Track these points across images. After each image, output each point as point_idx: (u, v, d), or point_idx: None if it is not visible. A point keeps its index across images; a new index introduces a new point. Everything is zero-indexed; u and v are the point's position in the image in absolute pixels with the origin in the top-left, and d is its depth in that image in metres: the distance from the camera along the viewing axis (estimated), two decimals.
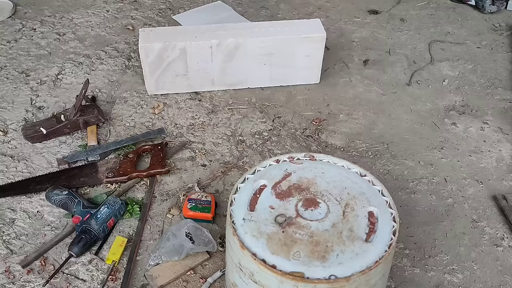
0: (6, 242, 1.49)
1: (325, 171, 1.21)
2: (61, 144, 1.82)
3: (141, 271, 1.42)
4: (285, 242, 1.04)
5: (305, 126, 1.94)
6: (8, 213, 1.57)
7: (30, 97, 2.02)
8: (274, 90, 2.10)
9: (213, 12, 2.56)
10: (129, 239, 1.49)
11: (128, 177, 1.67)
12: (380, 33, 2.47)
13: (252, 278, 1.04)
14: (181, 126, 1.92)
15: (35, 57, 2.23)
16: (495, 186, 1.71)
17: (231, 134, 1.89)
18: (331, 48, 2.32)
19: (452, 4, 2.70)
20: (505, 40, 2.44)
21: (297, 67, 2.07)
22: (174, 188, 1.67)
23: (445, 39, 2.44)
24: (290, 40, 1.98)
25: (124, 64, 2.21)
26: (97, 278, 1.40)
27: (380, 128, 1.95)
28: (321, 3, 2.67)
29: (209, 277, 1.40)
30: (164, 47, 1.91)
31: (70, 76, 2.14)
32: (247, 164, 1.76)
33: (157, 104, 2.00)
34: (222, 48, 1.95)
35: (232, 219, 1.10)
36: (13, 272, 1.41)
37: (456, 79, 2.20)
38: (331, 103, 2.06)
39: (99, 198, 1.62)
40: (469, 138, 1.91)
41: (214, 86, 2.07)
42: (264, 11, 2.59)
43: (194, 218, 1.51)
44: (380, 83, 2.17)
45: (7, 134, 1.85)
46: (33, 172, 1.71)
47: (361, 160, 1.79)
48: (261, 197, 1.15)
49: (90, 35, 2.38)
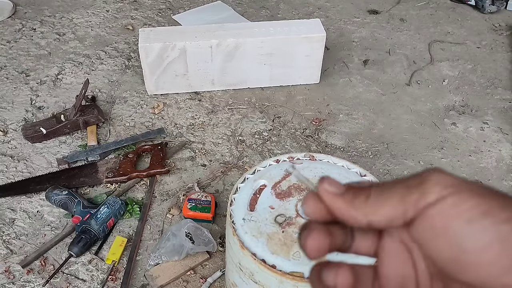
0: (6, 242, 1.49)
1: (325, 171, 1.21)
2: (61, 144, 1.82)
3: (141, 271, 1.42)
4: (285, 242, 1.04)
5: (305, 126, 1.94)
6: (8, 213, 1.57)
7: (30, 97, 2.02)
8: (274, 90, 2.10)
9: (213, 12, 2.56)
10: (129, 239, 1.49)
11: (128, 177, 1.67)
12: (380, 33, 2.47)
13: (252, 278, 1.04)
14: (181, 126, 1.92)
15: (35, 57, 2.23)
16: (495, 186, 1.71)
17: (231, 134, 1.89)
18: (331, 48, 2.32)
19: (452, 4, 2.70)
20: (505, 40, 2.44)
21: (297, 67, 2.07)
22: (174, 188, 1.67)
23: (445, 39, 2.44)
24: (290, 40, 1.98)
25: (124, 64, 2.21)
26: (97, 278, 1.40)
27: (380, 128, 1.95)
28: (321, 3, 2.67)
29: (209, 277, 1.40)
30: (164, 47, 1.91)
31: (70, 76, 2.14)
32: (247, 164, 1.76)
33: (157, 104, 2.00)
34: (222, 48, 1.95)
35: (232, 219, 1.10)
36: (13, 272, 1.41)
37: (456, 79, 2.20)
38: (331, 103, 2.06)
39: (99, 198, 1.62)
40: (469, 138, 1.91)
41: (214, 86, 2.07)
42: (264, 11, 2.59)
43: (194, 218, 1.51)
44: (380, 83, 2.17)
45: (7, 134, 1.85)
46: (33, 172, 1.71)
47: (361, 160, 1.80)
48: (261, 197, 1.15)
49: (90, 35, 2.38)
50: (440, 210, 0.28)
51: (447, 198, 0.29)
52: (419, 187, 0.30)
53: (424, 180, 0.30)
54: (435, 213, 0.29)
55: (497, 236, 0.27)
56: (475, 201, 0.28)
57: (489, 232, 0.27)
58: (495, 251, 0.27)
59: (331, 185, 0.33)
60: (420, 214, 0.29)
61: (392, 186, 0.31)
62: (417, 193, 0.29)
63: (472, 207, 0.28)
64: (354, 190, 0.32)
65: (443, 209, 0.28)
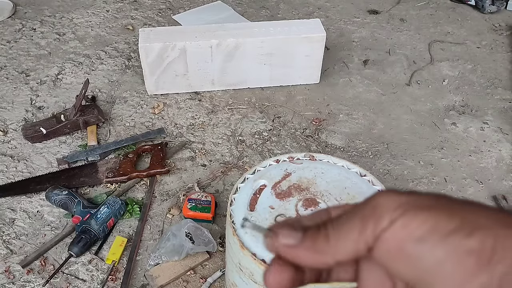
0: (6, 242, 1.49)
1: (325, 171, 1.21)
2: (61, 144, 1.82)
3: (141, 271, 1.42)
4: None
5: (305, 126, 1.94)
6: (8, 213, 1.57)
7: (30, 97, 2.02)
8: (274, 90, 2.10)
9: (213, 12, 2.56)
10: (129, 239, 1.49)
11: (128, 177, 1.67)
12: (380, 33, 2.47)
13: (252, 278, 1.04)
14: (181, 126, 1.92)
15: (35, 57, 2.23)
16: (495, 186, 1.71)
17: (231, 134, 1.89)
18: (331, 48, 2.32)
19: (452, 4, 2.70)
20: (505, 40, 2.44)
21: (297, 67, 2.07)
22: (174, 188, 1.67)
23: (445, 39, 2.44)
24: (290, 40, 1.98)
25: (124, 64, 2.21)
26: (97, 278, 1.40)
27: (380, 128, 1.95)
28: (321, 3, 2.67)
29: (209, 277, 1.40)
30: (164, 47, 1.91)
31: (70, 76, 2.14)
32: (247, 164, 1.76)
33: (157, 104, 2.00)
34: (222, 48, 1.95)
35: (232, 219, 1.10)
36: (13, 272, 1.41)
37: (456, 79, 2.20)
38: (331, 103, 2.06)
39: (99, 198, 1.62)
40: (469, 138, 1.91)
41: (214, 86, 2.07)
42: (264, 11, 2.59)
43: (194, 218, 1.51)
44: (380, 83, 2.17)
45: (7, 134, 1.85)
46: (33, 172, 1.71)
47: (361, 160, 1.79)
48: (261, 197, 1.15)
49: (90, 35, 2.38)
50: (392, 233, 0.29)
51: (397, 220, 0.29)
52: (372, 215, 0.30)
53: (375, 206, 0.30)
54: (389, 237, 0.29)
55: (447, 250, 0.27)
56: (422, 218, 0.28)
57: (439, 247, 0.27)
58: (450, 265, 0.27)
59: (287, 237, 0.32)
60: (377, 239, 0.29)
61: (348, 220, 0.31)
62: (372, 221, 0.30)
63: (420, 225, 0.28)
64: (311, 234, 0.32)
65: (394, 232, 0.29)
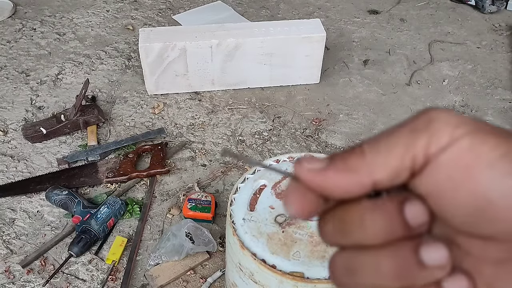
0: (6, 242, 1.49)
1: None
2: (61, 144, 1.82)
3: (141, 271, 1.42)
4: (285, 242, 1.04)
5: (305, 126, 1.94)
6: (8, 213, 1.57)
7: (30, 97, 2.02)
8: (274, 90, 2.10)
9: (213, 12, 2.56)
10: (129, 239, 1.49)
11: (128, 177, 1.67)
12: (380, 33, 2.47)
13: (252, 278, 1.04)
14: (181, 126, 1.92)
15: (35, 57, 2.23)
16: None
17: (231, 134, 1.89)
18: (331, 48, 2.32)
19: (452, 4, 2.70)
20: (505, 40, 2.44)
21: (297, 67, 2.07)
22: (174, 188, 1.67)
23: (445, 39, 2.44)
24: (290, 40, 1.98)
25: (124, 64, 2.21)
26: (97, 278, 1.40)
27: (380, 128, 1.95)
28: (321, 3, 2.67)
29: (209, 277, 1.40)
30: (164, 47, 1.91)
31: (70, 76, 2.14)
32: (247, 164, 1.76)
33: (157, 104, 2.00)
34: (222, 48, 1.95)
35: (232, 219, 1.10)
36: (13, 272, 1.41)
37: (456, 79, 2.20)
38: (331, 103, 2.06)
39: (99, 198, 1.62)
40: None
41: (214, 86, 2.07)
42: (264, 11, 2.59)
43: (194, 218, 1.51)
44: (380, 83, 2.17)
45: (7, 134, 1.85)
46: (33, 172, 1.71)
47: None
48: (261, 197, 1.15)
49: (90, 35, 2.38)
50: (455, 155, 0.24)
51: (461, 139, 0.24)
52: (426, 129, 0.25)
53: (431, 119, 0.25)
54: (449, 158, 0.24)
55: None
56: (493, 142, 0.24)
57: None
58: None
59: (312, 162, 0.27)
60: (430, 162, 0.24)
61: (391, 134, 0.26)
62: (425, 135, 0.25)
63: (492, 149, 0.24)
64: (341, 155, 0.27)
65: (459, 153, 0.24)
